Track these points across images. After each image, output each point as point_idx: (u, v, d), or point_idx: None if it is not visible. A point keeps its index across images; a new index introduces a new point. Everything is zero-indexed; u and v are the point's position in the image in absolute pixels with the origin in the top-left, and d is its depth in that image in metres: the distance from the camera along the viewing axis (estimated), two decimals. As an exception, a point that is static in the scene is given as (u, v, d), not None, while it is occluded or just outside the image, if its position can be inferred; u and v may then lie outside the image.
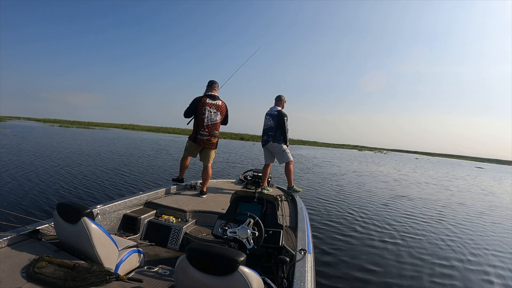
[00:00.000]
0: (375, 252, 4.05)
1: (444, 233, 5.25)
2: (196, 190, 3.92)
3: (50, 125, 43.91)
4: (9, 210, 3.84)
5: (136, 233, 2.70)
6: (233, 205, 2.41)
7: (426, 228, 5.46)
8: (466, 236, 5.23)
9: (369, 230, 4.99)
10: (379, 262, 3.74)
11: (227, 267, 1.21)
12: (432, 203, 8.06)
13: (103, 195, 5.68)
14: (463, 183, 14.90)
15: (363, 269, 3.52)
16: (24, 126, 33.43)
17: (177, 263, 1.32)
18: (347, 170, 14.93)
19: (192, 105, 3.82)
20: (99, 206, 2.54)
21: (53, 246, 1.72)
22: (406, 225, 5.57)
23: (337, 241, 4.35)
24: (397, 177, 14.10)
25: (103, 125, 67.00)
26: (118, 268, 1.71)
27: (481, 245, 4.81)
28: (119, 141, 21.00)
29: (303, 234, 2.27)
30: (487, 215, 7.32)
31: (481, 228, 5.92)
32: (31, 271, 1.40)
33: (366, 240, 4.49)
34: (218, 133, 3.90)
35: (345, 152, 39.05)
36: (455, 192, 11.04)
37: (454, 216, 6.81)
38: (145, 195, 3.14)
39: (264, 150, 4.60)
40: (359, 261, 3.71)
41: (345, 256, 3.83)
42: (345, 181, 10.96)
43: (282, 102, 4.56)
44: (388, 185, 11.05)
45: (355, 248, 4.13)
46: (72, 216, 1.61)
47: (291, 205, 3.62)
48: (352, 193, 8.42)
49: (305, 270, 1.63)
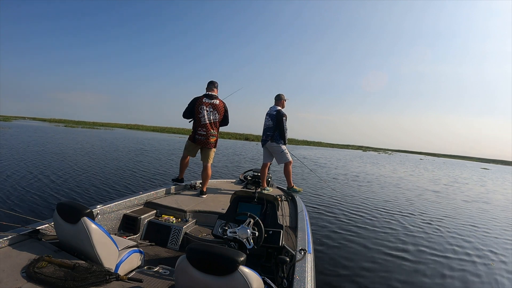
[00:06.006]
0: (376, 252, 4.05)
1: (448, 236, 5.23)
2: (196, 190, 3.92)
3: (55, 125, 43.91)
4: (9, 210, 3.85)
5: (136, 233, 2.70)
6: (233, 205, 2.41)
7: (429, 230, 5.45)
8: (468, 235, 5.23)
9: (369, 230, 4.99)
10: (380, 262, 3.74)
11: (227, 267, 1.21)
12: (441, 206, 8.00)
13: (103, 195, 5.67)
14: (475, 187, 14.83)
15: (364, 269, 3.52)
16: (29, 126, 33.40)
17: (177, 263, 1.32)
18: (357, 171, 14.89)
19: (190, 105, 3.85)
20: (99, 206, 2.54)
21: (53, 246, 1.72)
22: (407, 225, 5.57)
23: (337, 241, 4.34)
24: (403, 177, 14.11)
25: (108, 125, 66.92)
26: (118, 268, 1.71)
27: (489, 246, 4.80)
28: (121, 141, 20.99)
29: (303, 234, 2.27)
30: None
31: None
32: (31, 271, 1.40)
33: (367, 240, 4.48)
34: (216, 132, 3.90)
35: (350, 153, 38.99)
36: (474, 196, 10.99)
37: (459, 218, 6.82)
38: (145, 195, 3.14)
39: (264, 150, 4.62)
40: (359, 261, 3.71)
41: (345, 256, 3.83)
42: (347, 181, 10.97)
43: (282, 101, 4.56)
44: (393, 186, 11.03)
45: (355, 248, 4.13)
46: (72, 216, 1.61)
47: (291, 205, 3.63)
48: (353, 193, 8.42)
49: (305, 270, 1.63)
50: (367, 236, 4.69)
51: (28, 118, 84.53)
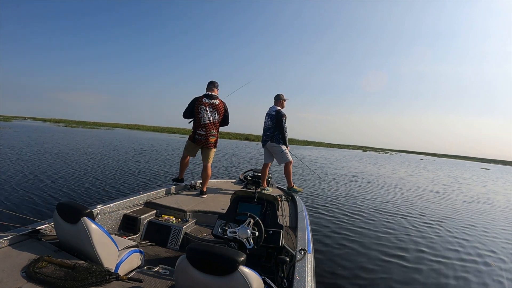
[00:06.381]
0: (376, 252, 4.05)
1: (448, 236, 5.22)
2: (196, 190, 3.92)
3: (56, 125, 43.87)
4: (9, 210, 3.85)
5: (136, 233, 2.70)
6: (233, 205, 2.41)
7: (429, 230, 5.44)
8: (468, 236, 5.23)
9: (370, 230, 4.98)
10: (380, 262, 3.74)
11: (227, 267, 1.21)
12: (441, 207, 8.00)
13: (103, 195, 5.68)
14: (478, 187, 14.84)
15: (364, 269, 3.51)
16: (30, 126, 33.38)
17: (177, 263, 1.32)
18: (357, 172, 14.86)
19: (190, 105, 3.86)
20: (99, 206, 2.54)
21: (53, 246, 1.72)
22: (408, 226, 5.57)
23: (337, 241, 4.34)
24: (403, 178, 14.11)
25: (109, 125, 66.82)
26: (118, 268, 1.71)
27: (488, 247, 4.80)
28: (121, 141, 20.99)
29: (303, 234, 2.27)
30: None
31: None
32: (31, 271, 1.40)
33: (367, 240, 4.48)
34: (216, 132, 3.90)
35: (351, 153, 38.93)
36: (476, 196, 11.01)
37: (460, 219, 6.81)
38: (145, 195, 3.14)
39: (264, 150, 4.63)
40: (359, 261, 3.71)
41: (345, 256, 3.83)
42: (347, 181, 10.96)
43: (281, 101, 4.56)
44: (393, 186, 11.02)
45: (355, 248, 4.13)
46: (72, 216, 1.61)
47: (291, 205, 3.63)
48: (353, 194, 8.41)
49: (305, 270, 1.63)
50: (367, 236, 4.69)
51: (29, 118, 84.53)
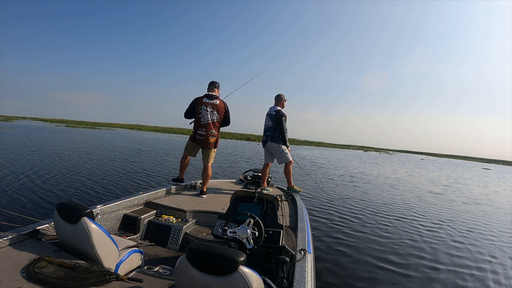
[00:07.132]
0: (376, 252, 4.05)
1: (449, 237, 5.21)
2: (196, 190, 3.92)
3: (57, 125, 43.89)
4: (9, 210, 3.85)
5: (136, 233, 2.70)
6: (233, 205, 2.41)
7: (430, 230, 5.43)
8: (468, 236, 5.23)
9: (370, 230, 4.98)
10: (380, 262, 3.73)
11: (227, 267, 1.21)
12: (442, 207, 7.99)
13: (103, 195, 5.68)
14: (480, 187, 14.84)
15: (364, 269, 3.51)
16: (30, 126, 33.38)
17: (177, 263, 1.32)
18: (357, 172, 14.87)
19: (191, 105, 3.86)
20: (99, 206, 2.54)
21: (53, 246, 1.72)
22: (408, 226, 5.56)
23: (337, 241, 4.34)
24: (403, 178, 14.11)
25: (110, 125, 66.81)
26: (118, 268, 1.71)
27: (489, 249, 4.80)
28: (122, 142, 20.99)
29: (303, 234, 2.27)
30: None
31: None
32: (31, 271, 1.40)
33: (367, 240, 4.48)
34: (216, 132, 3.90)
35: (351, 153, 38.92)
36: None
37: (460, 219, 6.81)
38: (145, 195, 3.14)
39: (264, 150, 4.63)
40: (360, 261, 3.71)
41: (345, 256, 3.83)
42: (347, 181, 10.96)
43: (281, 101, 4.56)
44: (394, 187, 11.02)
45: (355, 248, 4.13)
46: (72, 216, 1.61)
47: (291, 205, 3.63)
48: (353, 194, 8.42)
49: (305, 270, 1.63)
50: (368, 236, 4.69)
51: (29, 118, 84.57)
